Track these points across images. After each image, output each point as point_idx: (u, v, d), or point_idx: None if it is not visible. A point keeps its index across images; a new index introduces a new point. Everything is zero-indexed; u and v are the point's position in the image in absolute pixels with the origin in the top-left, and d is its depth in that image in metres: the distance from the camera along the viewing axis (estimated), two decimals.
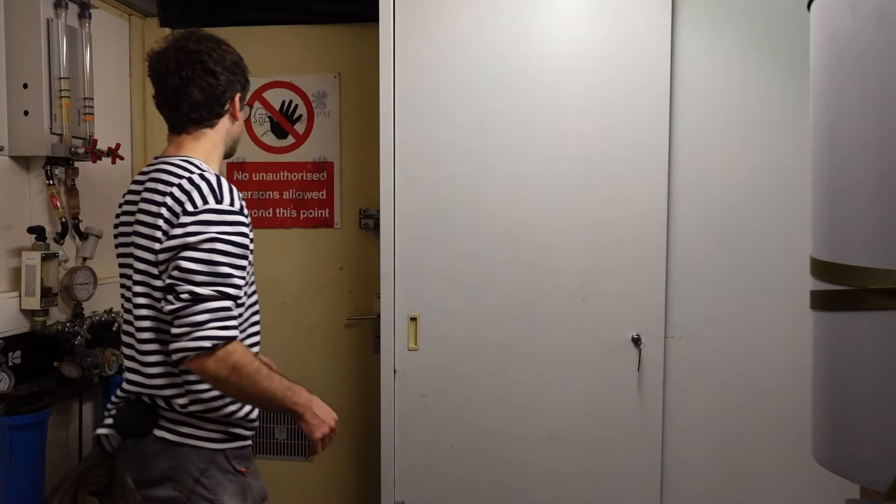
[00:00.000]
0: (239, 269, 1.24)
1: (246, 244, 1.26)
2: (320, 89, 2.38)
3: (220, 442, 1.34)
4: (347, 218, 2.39)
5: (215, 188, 1.26)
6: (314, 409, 1.32)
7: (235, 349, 1.21)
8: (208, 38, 1.37)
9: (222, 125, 1.38)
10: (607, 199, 1.80)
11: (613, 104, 1.79)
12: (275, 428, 2.48)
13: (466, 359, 1.86)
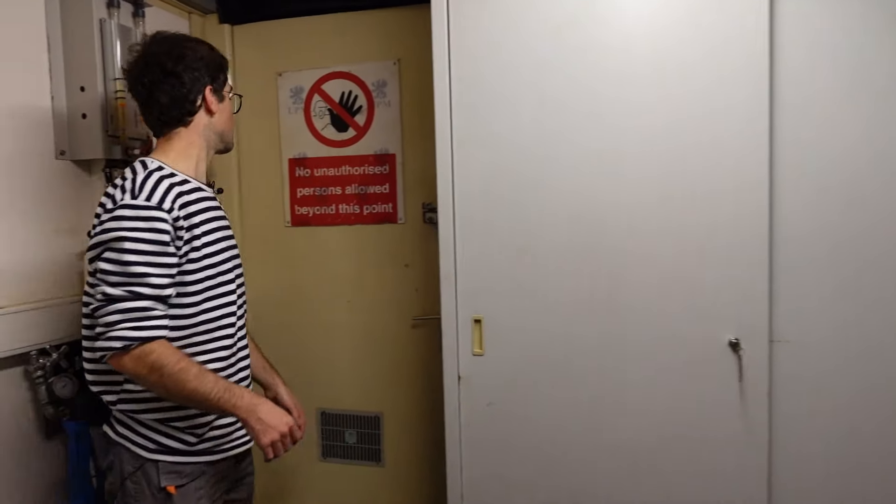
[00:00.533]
0: (158, 267, 1.24)
1: (163, 240, 1.25)
2: (380, 78, 2.26)
3: (152, 452, 1.34)
4: (411, 212, 2.26)
5: (136, 185, 1.27)
6: (259, 414, 1.28)
7: (154, 349, 1.22)
8: (167, 39, 1.41)
9: (198, 121, 1.40)
10: (696, 177, 1.56)
11: (700, 64, 1.54)
12: (344, 431, 2.40)
13: (536, 364, 1.68)
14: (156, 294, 1.24)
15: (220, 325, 1.38)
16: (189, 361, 1.25)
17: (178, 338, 1.32)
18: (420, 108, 2.21)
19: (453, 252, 1.71)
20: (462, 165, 1.69)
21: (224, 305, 1.39)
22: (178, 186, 1.33)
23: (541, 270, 1.65)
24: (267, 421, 1.29)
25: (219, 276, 1.38)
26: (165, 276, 1.26)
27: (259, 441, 1.29)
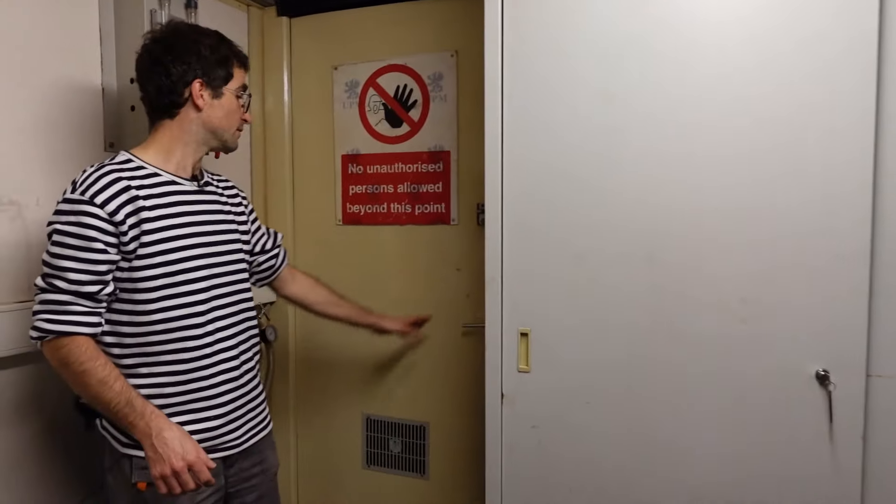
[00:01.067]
0: (79, 262, 1.22)
1: (88, 236, 1.22)
2: (436, 70, 2.14)
3: (125, 446, 1.32)
4: (465, 213, 2.13)
5: (80, 178, 1.27)
6: (154, 441, 1.23)
7: (64, 344, 1.22)
8: (165, 29, 1.41)
9: (185, 115, 1.37)
10: (783, 183, 1.34)
11: (793, 53, 1.33)
12: (389, 440, 2.30)
13: (588, 385, 1.51)
14: (74, 289, 1.23)
15: (182, 327, 1.32)
16: (97, 365, 1.23)
17: (133, 333, 1.31)
18: (477, 102, 2.05)
19: (500, 256, 1.57)
20: (513, 164, 1.55)
21: (185, 306, 1.33)
22: (136, 181, 1.30)
23: (598, 282, 1.48)
24: (161, 450, 1.23)
25: (179, 273, 1.32)
26: (87, 273, 1.23)
27: (151, 470, 1.24)
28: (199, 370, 1.35)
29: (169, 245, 1.31)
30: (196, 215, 1.39)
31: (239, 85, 1.44)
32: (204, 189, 1.45)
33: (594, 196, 1.48)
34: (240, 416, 1.43)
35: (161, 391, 1.32)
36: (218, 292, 1.40)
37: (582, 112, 1.48)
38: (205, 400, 1.36)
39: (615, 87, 1.45)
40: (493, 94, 1.55)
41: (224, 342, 1.40)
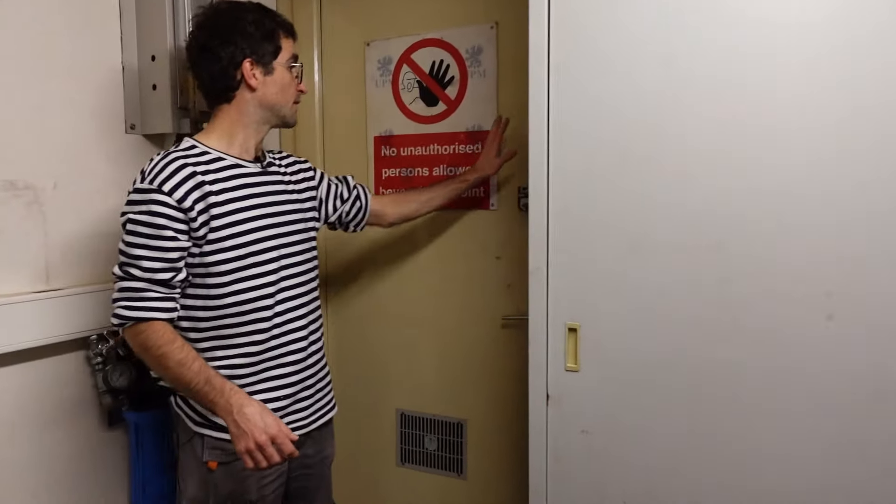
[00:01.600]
0: (151, 250, 1.25)
1: (158, 223, 1.24)
2: (474, 44, 1.99)
3: (198, 424, 1.35)
4: (505, 198, 1.99)
5: (149, 167, 1.29)
6: (236, 416, 1.24)
7: (143, 330, 1.25)
8: (206, 12, 1.38)
9: (241, 97, 1.36)
10: (875, 154, 1.16)
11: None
12: (424, 437, 2.18)
13: (644, 386, 1.36)
14: (148, 277, 1.25)
15: (253, 309, 1.35)
16: (174, 348, 1.25)
17: (207, 318, 1.33)
18: (519, 77, 1.91)
19: (545, 244, 1.42)
20: (560, 142, 1.39)
21: (256, 288, 1.35)
22: (201, 166, 1.31)
23: (657, 272, 1.32)
24: (244, 426, 1.23)
25: (248, 257, 1.34)
26: (160, 261, 1.25)
27: (235, 445, 1.25)
28: (269, 350, 1.37)
29: (237, 229, 1.33)
30: (262, 197, 1.39)
31: (289, 56, 1.41)
32: (268, 170, 1.45)
33: (653, 176, 1.32)
34: (307, 395, 1.46)
35: (234, 372, 1.34)
36: (286, 273, 1.41)
37: (638, 80, 1.32)
38: (273, 379, 1.38)
39: (677, 49, 1.28)
40: (538, 65, 1.40)
41: (292, 322, 1.41)
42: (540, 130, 1.40)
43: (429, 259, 2.11)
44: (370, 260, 2.20)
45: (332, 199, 1.66)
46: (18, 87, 1.47)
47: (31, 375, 1.52)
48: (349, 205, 1.70)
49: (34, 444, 1.53)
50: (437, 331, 2.11)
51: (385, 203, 1.80)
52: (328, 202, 1.65)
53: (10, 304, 1.44)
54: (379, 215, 1.77)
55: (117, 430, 1.71)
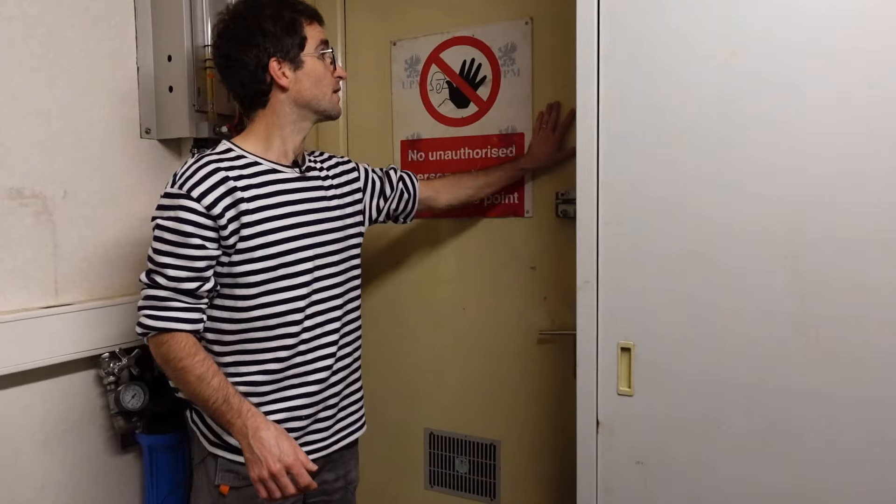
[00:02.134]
0: (177, 258, 1.19)
1: (185, 231, 1.18)
2: (508, 42, 1.87)
3: (212, 444, 1.29)
4: (541, 204, 1.86)
5: (180, 171, 1.22)
6: (251, 440, 1.16)
7: (165, 341, 1.19)
8: (223, 19, 1.31)
9: (275, 99, 1.29)
10: None
11: None
12: (455, 458, 2.05)
13: (708, 414, 1.22)
14: (173, 286, 1.19)
15: (280, 324, 1.27)
16: (195, 361, 1.18)
17: (233, 331, 1.26)
18: (556, 76, 1.80)
19: (595, 255, 1.29)
20: (611, 143, 1.26)
21: (284, 302, 1.27)
22: (234, 171, 1.23)
23: (722, 287, 1.18)
24: (258, 451, 1.15)
25: (279, 268, 1.25)
26: (185, 269, 1.19)
27: (249, 472, 1.18)
28: (292, 367, 1.30)
29: (268, 238, 1.25)
30: (298, 205, 1.32)
31: (317, 43, 1.32)
32: (306, 175, 1.37)
33: (718, 179, 1.18)
34: (328, 416, 1.37)
35: (253, 389, 1.28)
36: (319, 285, 1.33)
37: (698, 75, 1.19)
38: (292, 399, 1.30)
39: (743, 39, 1.15)
40: (586, 61, 1.27)
41: (321, 338, 1.33)
42: (589, 132, 1.27)
43: (459, 269, 1.99)
44: (397, 270, 2.08)
45: (375, 200, 1.59)
46: (25, 90, 1.38)
47: (39, 396, 1.42)
48: (394, 201, 1.62)
49: (43, 468, 1.43)
50: (468, 345, 1.98)
51: (438, 188, 1.71)
52: (371, 205, 1.58)
53: (18, 321, 1.34)
54: (431, 201, 1.70)
55: (130, 452, 1.61)
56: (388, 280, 2.10)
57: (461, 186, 1.72)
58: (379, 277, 2.12)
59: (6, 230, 1.36)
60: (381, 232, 2.10)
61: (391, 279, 2.10)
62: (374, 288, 2.13)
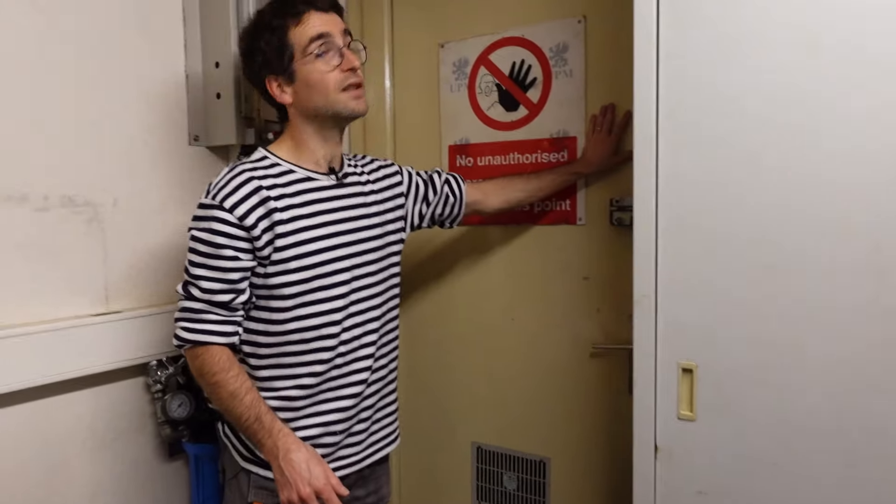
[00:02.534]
0: (210, 270, 1.16)
1: (218, 243, 1.15)
2: (559, 41, 1.80)
3: (245, 460, 1.25)
4: (594, 211, 1.78)
5: (215, 181, 1.20)
6: (281, 462, 1.14)
7: (199, 354, 1.17)
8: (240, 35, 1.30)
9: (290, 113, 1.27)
10: None
11: None
12: (503, 474, 1.99)
13: (780, 442, 1.12)
14: (207, 298, 1.17)
15: (317, 337, 1.23)
16: (229, 377, 1.16)
17: (269, 344, 1.23)
18: (610, 76, 1.72)
19: (654, 267, 1.20)
20: (672, 144, 1.18)
21: (321, 314, 1.22)
22: (268, 180, 1.20)
23: (798, 303, 1.08)
24: (288, 473, 1.13)
25: (314, 280, 1.21)
26: (219, 282, 1.17)
27: (279, 493, 1.16)
28: (327, 381, 1.26)
29: (303, 249, 1.21)
30: (334, 213, 1.27)
31: (307, 41, 1.20)
32: (343, 182, 1.31)
33: (793, 184, 1.08)
34: (361, 429, 1.32)
35: (286, 404, 1.24)
36: (357, 296, 1.28)
37: (773, 71, 1.09)
38: (326, 414, 1.26)
39: (824, 34, 1.05)
40: (645, 60, 1.19)
41: (357, 351, 1.28)
42: (648, 132, 1.19)
43: (508, 278, 1.93)
44: (444, 278, 2.03)
45: (418, 205, 1.53)
46: (78, 100, 1.40)
47: (89, 403, 1.44)
48: (438, 206, 1.56)
49: (93, 475, 1.45)
50: (517, 357, 1.91)
51: (487, 191, 1.63)
52: (413, 211, 1.52)
53: (70, 329, 1.36)
54: (479, 205, 1.63)
55: (178, 460, 1.61)
56: (434, 288, 2.06)
57: (512, 189, 1.64)
58: (425, 285, 2.07)
59: (59, 238, 1.37)
60: (428, 239, 2.05)
61: (438, 287, 2.05)
62: (421, 296, 2.08)
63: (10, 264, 1.29)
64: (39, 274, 1.34)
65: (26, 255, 1.32)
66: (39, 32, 1.32)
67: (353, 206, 1.30)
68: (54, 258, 1.36)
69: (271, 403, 1.23)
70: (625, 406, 1.70)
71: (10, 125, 1.28)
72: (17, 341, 1.27)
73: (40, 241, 1.34)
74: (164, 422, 1.50)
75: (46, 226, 1.34)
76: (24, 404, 1.32)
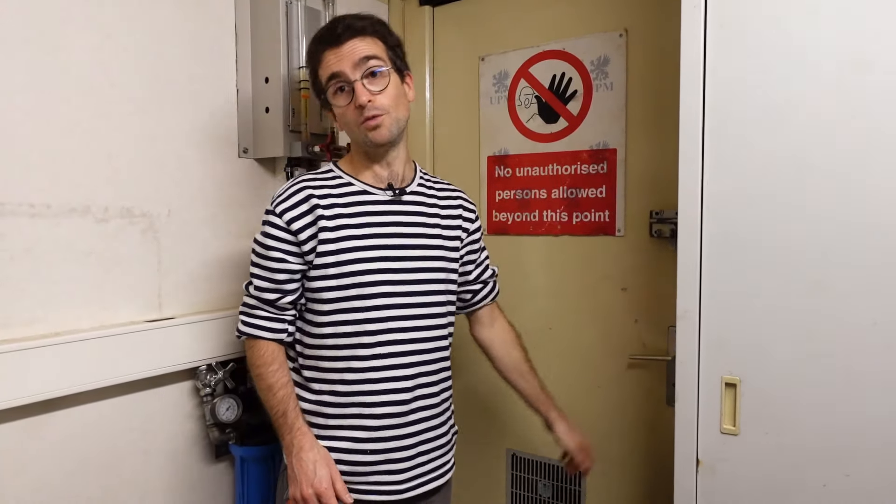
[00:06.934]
0: (261, 269, 1.24)
1: (269, 245, 1.22)
2: (600, 55, 1.81)
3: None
4: (633, 223, 1.78)
5: (278, 189, 1.27)
6: (293, 458, 1.18)
7: (251, 346, 1.25)
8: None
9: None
10: None
11: None
12: (538, 482, 2.00)
13: (828, 459, 1.11)
14: (258, 295, 1.25)
15: (350, 345, 1.23)
16: (269, 371, 1.22)
17: (311, 345, 1.27)
18: (652, 89, 1.73)
19: (698, 281, 1.21)
20: (718, 156, 1.19)
21: (355, 323, 1.23)
22: (323, 189, 1.25)
23: (847, 318, 1.09)
24: (297, 470, 1.17)
25: (352, 288, 1.22)
26: (267, 280, 1.24)
27: (289, 487, 1.20)
28: (360, 395, 1.24)
29: (344, 257, 1.22)
30: (385, 227, 1.26)
31: (325, 80, 1.24)
32: (401, 199, 1.30)
33: (842, 199, 1.08)
34: (405, 457, 1.27)
35: (321, 409, 1.25)
36: (397, 313, 1.25)
37: (822, 86, 1.09)
38: (359, 430, 1.24)
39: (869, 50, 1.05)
40: (691, 74, 1.20)
41: (394, 370, 1.25)
42: (693, 145, 1.20)
43: (546, 288, 1.94)
44: None
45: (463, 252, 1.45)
46: (135, 116, 1.45)
47: (141, 405, 1.49)
48: (463, 288, 1.48)
49: (145, 476, 1.50)
50: (553, 366, 1.92)
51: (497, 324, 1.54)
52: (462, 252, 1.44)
53: (126, 334, 1.41)
54: (479, 322, 1.54)
55: (224, 461, 1.66)
56: None
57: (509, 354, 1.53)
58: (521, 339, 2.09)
59: (118, 247, 1.43)
60: None
61: None
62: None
63: (72, 273, 1.35)
64: (98, 281, 1.39)
65: (88, 263, 1.37)
66: (101, 52, 1.38)
67: (409, 224, 1.29)
68: (112, 266, 1.42)
69: (306, 407, 1.25)
70: (663, 417, 1.70)
71: (75, 141, 1.34)
72: (77, 346, 1.32)
73: (100, 250, 1.39)
74: (212, 424, 1.54)
75: (106, 236, 1.40)
76: (82, 406, 1.38)
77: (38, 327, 1.30)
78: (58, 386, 1.29)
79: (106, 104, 1.39)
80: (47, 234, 1.31)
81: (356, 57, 1.20)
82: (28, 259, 1.28)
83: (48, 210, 1.31)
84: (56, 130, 1.32)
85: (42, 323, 1.31)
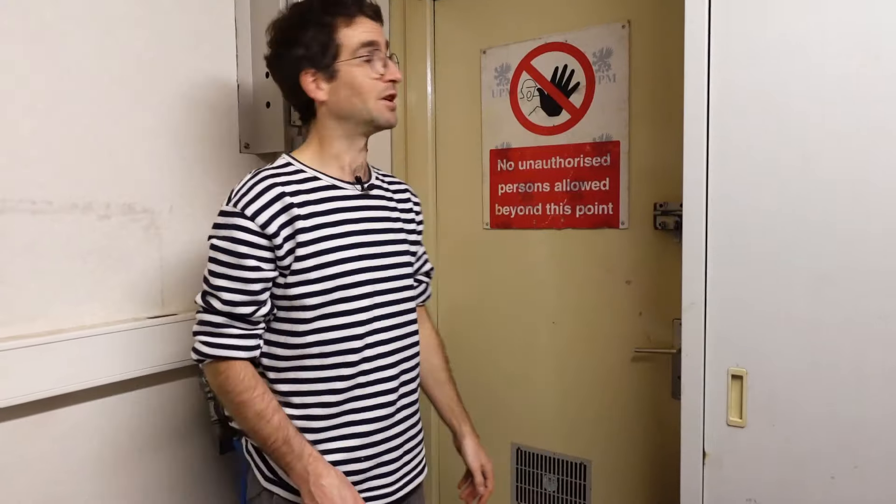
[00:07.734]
0: (232, 281, 1.11)
1: (239, 252, 1.10)
2: (603, 46, 1.80)
3: (268, 480, 1.20)
4: (637, 215, 1.77)
5: (237, 187, 1.15)
6: (312, 487, 1.08)
7: (222, 370, 1.13)
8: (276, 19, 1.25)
9: (319, 111, 1.21)
10: None
11: None
12: (543, 476, 2.00)
13: (834, 452, 1.11)
14: (228, 311, 1.12)
15: (338, 351, 1.16)
16: (254, 396, 1.11)
17: (288, 357, 1.18)
18: (655, 81, 1.71)
19: (703, 273, 1.20)
20: (723, 149, 1.18)
21: (343, 327, 1.16)
22: (291, 186, 1.15)
23: (853, 311, 1.08)
24: (319, 499, 1.08)
25: (335, 291, 1.15)
26: (240, 293, 1.12)
27: None
28: (351, 401, 1.19)
29: (325, 259, 1.15)
30: (358, 223, 1.21)
31: (356, 46, 1.16)
32: (369, 193, 1.26)
33: (848, 194, 1.07)
34: (394, 458, 1.25)
35: (310, 424, 1.18)
36: (379, 313, 1.22)
37: (829, 79, 1.08)
38: (352, 438, 1.19)
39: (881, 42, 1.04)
40: (695, 65, 1.19)
41: (381, 371, 1.21)
42: (698, 137, 1.19)
43: (549, 281, 1.93)
44: (484, 280, 2.05)
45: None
46: (136, 109, 1.45)
47: (145, 401, 1.49)
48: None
49: (145, 469, 1.50)
50: (558, 360, 1.92)
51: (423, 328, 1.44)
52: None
53: (129, 331, 1.41)
54: None
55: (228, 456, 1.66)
56: (474, 290, 2.08)
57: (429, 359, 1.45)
58: (466, 287, 2.09)
59: (121, 244, 1.43)
60: (467, 240, 2.07)
61: (478, 289, 2.07)
62: (461, 298, 2.10)
63: (75, 269, 1.35)
64: (101, 278, 1.39)
65: (90, 260, 1.37)
66: (100, 47, 1.37)
67: (379, 219, 1.25)
68: (115, 263, 1.42)
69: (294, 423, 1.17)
70: (668, 410, 1.70)
71: (76, 138, 1.34)
72: (80, 343, 1.32)
73: (103, 247, 1.39)
74: (216, 420, 1.54)
75: (108, 232, 1.40)
76: (85, 403, 1.38)
77: (40, 324, 1.30)
78: (60, 383, 1.29)
79: (107, 100, 1.39)
80: (49, 231, 1.31)
81: (385, 38, 1.21)
82: (30, 256, 1.28)
83: (49, 207, 1.30)
84: (57, 126, 1.31)
85: (44, 320, 1.31)
